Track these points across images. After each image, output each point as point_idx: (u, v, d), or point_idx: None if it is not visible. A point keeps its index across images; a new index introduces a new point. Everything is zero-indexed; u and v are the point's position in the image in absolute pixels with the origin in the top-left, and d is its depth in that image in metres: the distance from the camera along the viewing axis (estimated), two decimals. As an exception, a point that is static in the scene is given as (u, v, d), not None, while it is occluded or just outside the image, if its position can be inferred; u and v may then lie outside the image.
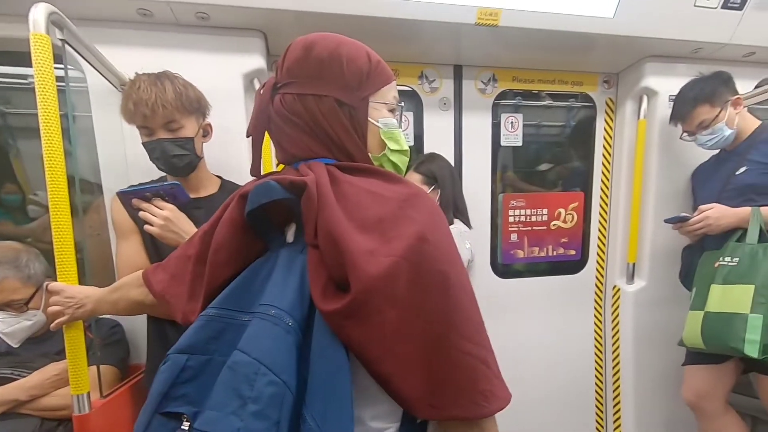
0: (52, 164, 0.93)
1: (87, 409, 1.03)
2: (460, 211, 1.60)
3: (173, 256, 0.75)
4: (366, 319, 0.52)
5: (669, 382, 1.97)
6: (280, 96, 0.64)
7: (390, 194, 0.59)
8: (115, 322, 1.41)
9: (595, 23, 1.53)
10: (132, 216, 1.15)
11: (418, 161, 1.64)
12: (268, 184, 0.59)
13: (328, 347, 0.54)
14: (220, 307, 0.59)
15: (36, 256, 1.27)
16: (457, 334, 0.55)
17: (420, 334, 0.54)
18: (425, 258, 0.54)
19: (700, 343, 1.46)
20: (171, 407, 0.54)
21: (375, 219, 0.56)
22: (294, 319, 0.54)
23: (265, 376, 0.50)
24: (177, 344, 0.57)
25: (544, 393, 2.07)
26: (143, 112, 1.06)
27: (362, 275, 0.51)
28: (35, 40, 0.90)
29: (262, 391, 0.49)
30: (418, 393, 0.54)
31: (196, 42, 1.41)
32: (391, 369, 0.53)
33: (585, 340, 2.13)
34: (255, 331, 0.54)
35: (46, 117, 0.91)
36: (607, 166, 2.05)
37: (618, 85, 2.00)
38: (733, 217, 1.47)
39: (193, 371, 0.56)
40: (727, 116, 1.51)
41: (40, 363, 1.24)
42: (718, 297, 1.43)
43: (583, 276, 2.11)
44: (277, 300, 0.55)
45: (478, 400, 0.55)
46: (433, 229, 0.57)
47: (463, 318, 0.57)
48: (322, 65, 0.63)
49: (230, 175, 1.33)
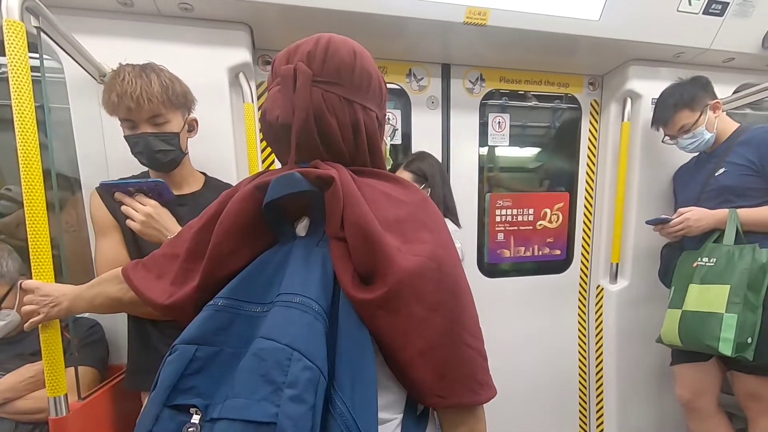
0: (27, 158, 0.89)
1: (64, 411, 0.99)
2: (449, 210, 1.60)
3: (157, 254, 0.73)
4: (396, 311, 0.57)
5: (652, 379, 2.02)
6: (321, 91, 0.62)
7: (404, 198, 0.64)
8: (93, 321, 1.37)
9: (582, 25, 1.55)
10: (112, 212, 1.12)
11: (408, 159, 1.63)
12: (293, 175, 0.60)
13: (355, 334, 0.57)
14: (228, 297, 0.59)
15: (9, 252, 1.23)
16: (463, 329, 0.61)
17: (435, 328, 0.58)
18: (444, 262, 0.60)
19: (677, 341, 1.51)
20: (180, 399, 0.52)
21: (394, 219, 0.61)
22: (321, 307, 0.56)
23: (299, 361, 0.51)
24: (184, 334, 0.56)
25: (529, 390, 2.10)
26: (127, 105, 1.02)
27: (397, 269, 0.55)
28: (8, 27, 0.86)
29: (298, 376, 0.50)
30: (428, 382, 0.58)
31: (180, 34, 1.37)
32: (406, 359, 0.58)
33: (569, 338, 2.17)
34: (280, 318, 0.54)
35: (20, 108, 0.87)
36: (592, 167, 2.09)
37: (603, 88, 2.03)
38: (711, 219, 1.51)
39: (202, 363, 0.55)
40: (706, 120, 1.55)
41: (15, 364, 1.20)
42: (696, 296, 1.47)
43: (567, 275, 2.14)
44: (300, 289, 0.56)
45: (475, 389, 0.61)
46: (442, 234, 0.63)
47: (468, 315, 0.62)
48: (371, 80, 0.66)
49: (214, 172, 1.31)
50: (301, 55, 0.63)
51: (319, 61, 0.63)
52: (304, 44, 0.64)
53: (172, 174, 1.17)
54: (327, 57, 0.63)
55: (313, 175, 0.60)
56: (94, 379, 1.26)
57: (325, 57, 0.63)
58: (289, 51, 0.65)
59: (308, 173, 0.60)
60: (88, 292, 0.86)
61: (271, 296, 0.58)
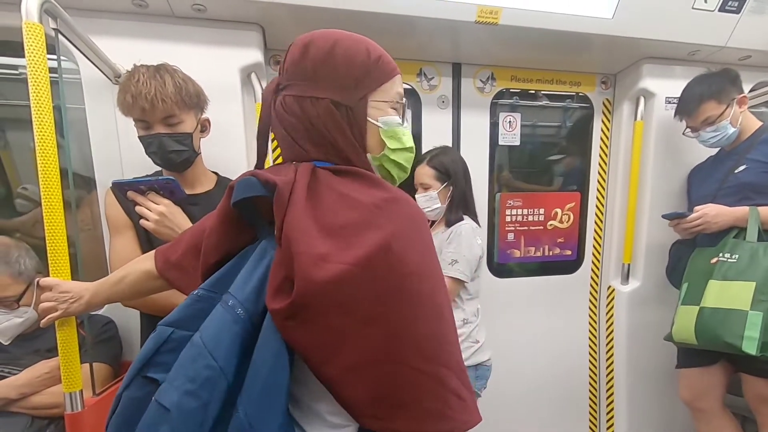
0: (45, 158, 0.90)
1: (79, 407, 1.01)
2: (469, 207, 1.57)
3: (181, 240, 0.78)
4: (309, 323, 0.54)
5: (661, 381, 2.00)
6: (281, 98, 0.65)
7: (366, 199, 0.58)
8: (107, 318, 1.39)
9: (595, 23, 1.53)
10: (126, 211, 1.13)
11: (431, 154, 1.59)
12: (249, 180, 0.61)
13: (269, 342, 0.56)
14: (207, 288, 0.63)
15: (27, 251, 1.24)
16: (411, 349, 0.55)
17: (367, 344, 0.54)
18: (383, 267, 0.54)
19: (692, 338, 1.45)
20: (150, 372, 0.59)
21: (340, 225, 0.56)
22: (246, 311, 0.58)
23: (204, 358, 0.54)
24: (166, 318, 0.62)
25: (538, 391, 2.08)
26: (142, 106, 1.03)
27: (305, 279, 0.53)
28: (28, 29, 0.87)
29: (199, 373, 0.54)
30: (361, 402, 0.56)
31: (193, 34, 1.38)
32: (333, 374, 0.55)
33: (580, 339, 2.15)
34: (212, 316, 0.58)
35: (38, 108, 0.89)
36: (604, 166, 2.06)
37: (615, 86, 2.01)
38: (729, 216, 1.48)
39: (175, 344, 0.60)
40: (732, 114, 1.51)
41: (31, 360, 1.21)
42: (716, 293, 1.42)
43: (578, 276, 2.12)
44: (237, 289, 0.59)
45: (420, 417, 0.55)
46: (401, 237, 0.56)
47: (423, 333, 0.56)
48: (316, 66, 0.63)
49: (227, 171, 1.32)
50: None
51: (282, 66, 0.67)
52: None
53: (185, 174, 1.18)
54: (285, 60, 0.66)
55: (263, 180, 0.61)
56: (108, 376, 1.28)
57: (284, 61, 0.66)
58: None
59: (260, 177, 0.61)
60: (115, 275, 0.88)
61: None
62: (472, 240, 1.47)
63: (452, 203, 1.54)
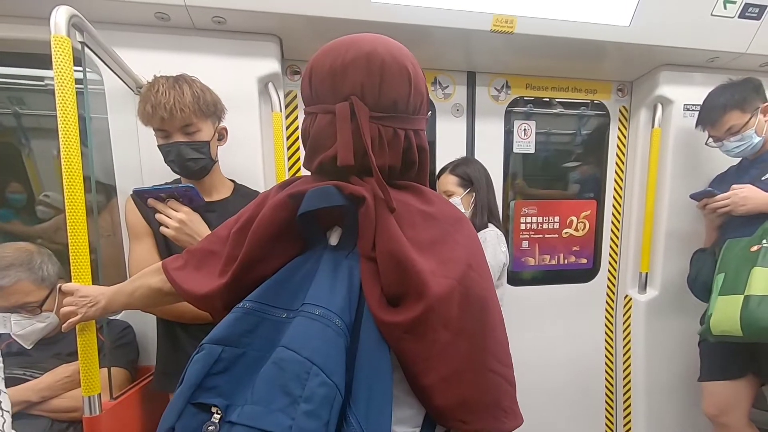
0: (69, 165, 0.92)
1: (98, 410, 1.02)
2: (493, 214, 1.59)
3: (194, 249, 0.75)
4: (422, 336, 0.56)
5: (682, 393, 1.95)
6: (377, 126, 0.61)
7: (440, 216, 0.63)
8: (125, 324, 1.41)
9: (611, 31, 1.52)
10: (146, 217, 1.15)
11: (453, 164, 1.63)
12: (328, 189, 0.60)
13: (375, 353, 0.56)
14: (256, 301, 0.59)
15: (49, 257, 1.27)
16: (489, 355, 0.60)
17: (460, 354, 0.58)
18: (472, 284, 0.59)
19: (736, 330, 1.33)
20: (203, 398, 0.54)
21: (429, 241, 0.60)
22: (344, 322, 0.56)
23: (317, 376, 0.51)
24: (211, 334, 0.57)
25: (553, 404, 2.05)
26: (161, 115, 1.06)
27: (431, 294, 0.55)
28: (56, 43, 0.90)
29: (315, 392, 0.50)
30: (451, 406, 0.58)
31: (212, 46, 1.41)
32: (432, 382, 0.57)
33: (595, 349, 2.11)
34: (303, 329, 0.55)
35: (64, 119, 0.91)
36: (620, 174, 2.04)
37: (632, 94, 1.99)
38: (760, 200, 1.43)
39: (226, 363, 0.56)
40: (756, 123, 1.49)
41: (52, 364, 1.23)
42: (765, 280, 1.33)
43: (594, 285, 2.09)
44: (324, 301, 0.57)
45: (499, 416, 0.60)
46: (476, 255, 0.62)
47: (495, 340, 0.61)
48: (422, 99, 0.66)
49: (243, 179, 1.33)
50: (352, 85, 0.60)
51: (374, 94, 0.60)
52: (352, 69, 0.59)
53: (202, 181, 1.20)
54: (382, 89, 0.60)
55: (347, 191, 0.60)
56: (125, 380, 1.29)
57: (380, 89, 0.60)
58: (334, 72, 0.60)
59: (343, 188, 0.60)
60: (129, 286, 0.89)
61: (298, 303, 0.58)
62: (496, 247, 1.48)
63: (476, 209, 1.56)
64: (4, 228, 1.62)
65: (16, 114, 1.62)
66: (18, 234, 1.63)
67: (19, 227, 1.65)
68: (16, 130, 1.64)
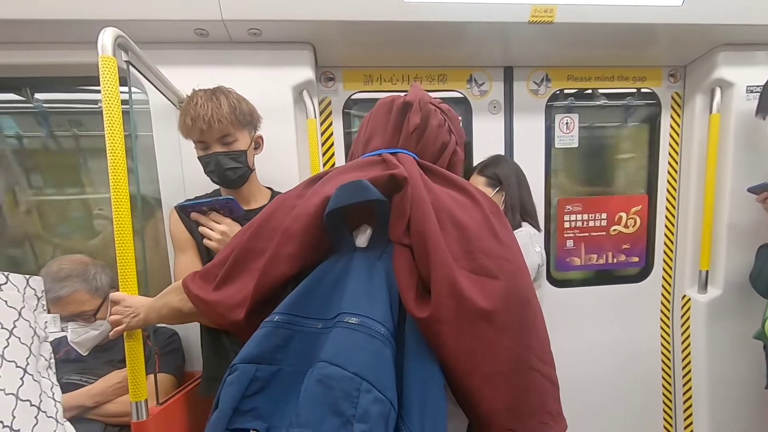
0: (117, 183, 0.95)
1: (145, 415, 1.05)
2: (528, 212, 1.53)
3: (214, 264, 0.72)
4: (461, 330, 0.53)
5: (748, 404, 1.79)
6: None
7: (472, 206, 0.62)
8: (172, 331, 1.45)
9: (662, 13, 1.41)
10: (189, 229, 1.18)
11: (482, 164, 1.59)
12: (361, 182, 0.56)
13: (424, 362, 0.53)
14: (285, 313, 0.56)
15: (102, 268, 1.33)
16: (534, 355, 0.57)
17: (506, 354, 0.55)
18: (516, 282, 0.56)
19: None
20: (241, 423, 0.51)
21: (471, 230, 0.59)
22: (387, 331, 0.53)
23: (369, 392, 0.47)
24: (242, 353, 0.54)
25: (605, 414, 1.94)
26: (200, 127, 1.08)
27: None
28: (103, 63, 0.93)
29: (369, 410, 0.47)
30: (497, 411, 0.54)
31: (248, 57, 1.44)
32: (477, 383, 0.54)
33: (651, 354, 1.98)
34: (345, 342, 0.51)
35: (111, 136, 0.94)
36: (675, 165, 1.90)
37: (686, 79, 1.85)
38: None
39: (262, 383, 0.53)
40: None
41: (105, 370, 1.29)
42: None
43: (648, 285, 1.97)
44: (364, 309, 0.53)
45: (546, 421, 0.57)
46: (515, 248, 0.60)
47: (538, 339, 0.59)
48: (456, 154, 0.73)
49: (280, 186, 1.34)
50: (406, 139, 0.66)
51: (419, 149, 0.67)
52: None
53: (240, 190, 1.22)
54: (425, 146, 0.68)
55: (385, 178, 0.57)
56: (171, 385, 1.33)
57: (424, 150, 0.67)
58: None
59: (378, 178, 0.57)
60: (156, 303, 0.90)
61: (332, 311, 0.55)
62: (528, 247, 1.43)
63: (506, 209, 1.51)
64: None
65: (75, 135, 1.71)
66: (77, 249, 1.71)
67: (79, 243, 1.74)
68: (75, 151, 1.73)
